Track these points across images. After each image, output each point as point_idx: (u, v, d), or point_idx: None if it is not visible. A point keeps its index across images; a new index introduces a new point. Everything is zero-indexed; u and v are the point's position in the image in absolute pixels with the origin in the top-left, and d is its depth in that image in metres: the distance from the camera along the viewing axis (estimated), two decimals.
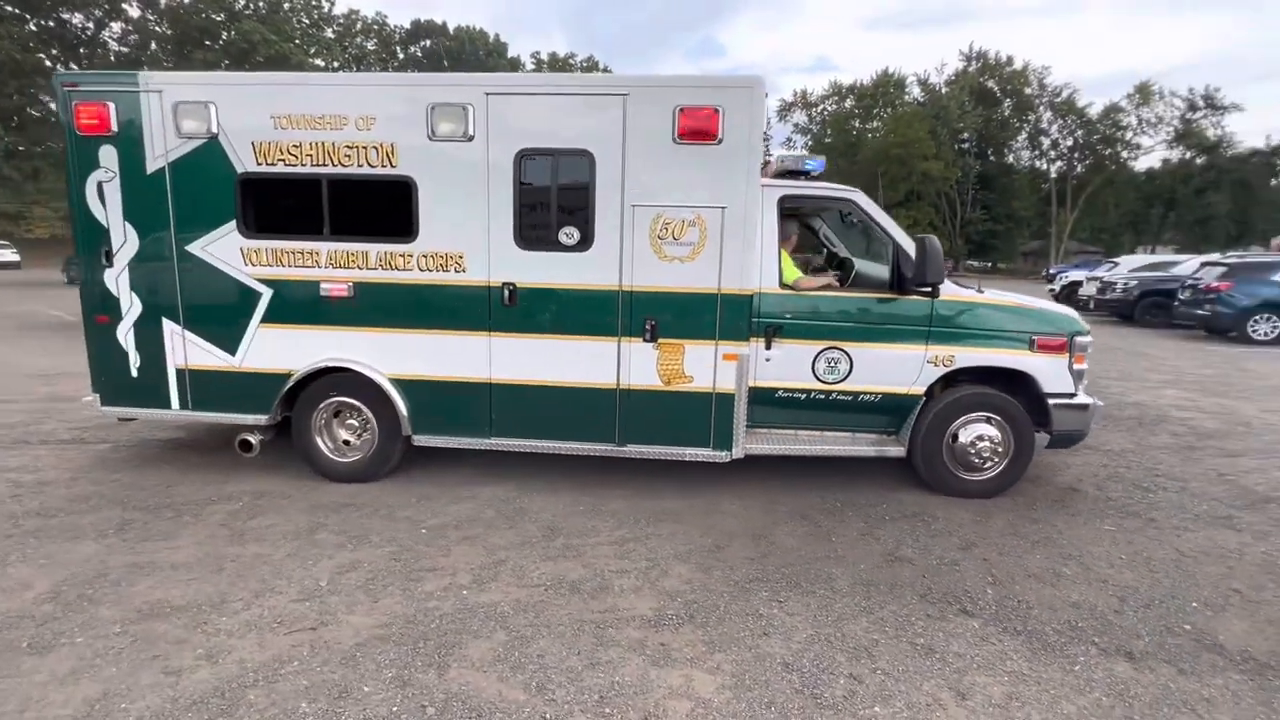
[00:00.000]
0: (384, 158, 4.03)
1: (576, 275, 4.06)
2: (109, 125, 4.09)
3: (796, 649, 2.71)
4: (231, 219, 4.17)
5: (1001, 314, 4.26)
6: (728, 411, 4.11)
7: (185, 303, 4.30)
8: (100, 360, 4.44)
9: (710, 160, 3.86)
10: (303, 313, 4.25)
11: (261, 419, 4.40)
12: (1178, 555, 3.61)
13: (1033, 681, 2.54)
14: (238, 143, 4.09)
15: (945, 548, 3.67)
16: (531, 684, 2.47)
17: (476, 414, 4.29)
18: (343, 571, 3.28)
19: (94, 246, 4.28)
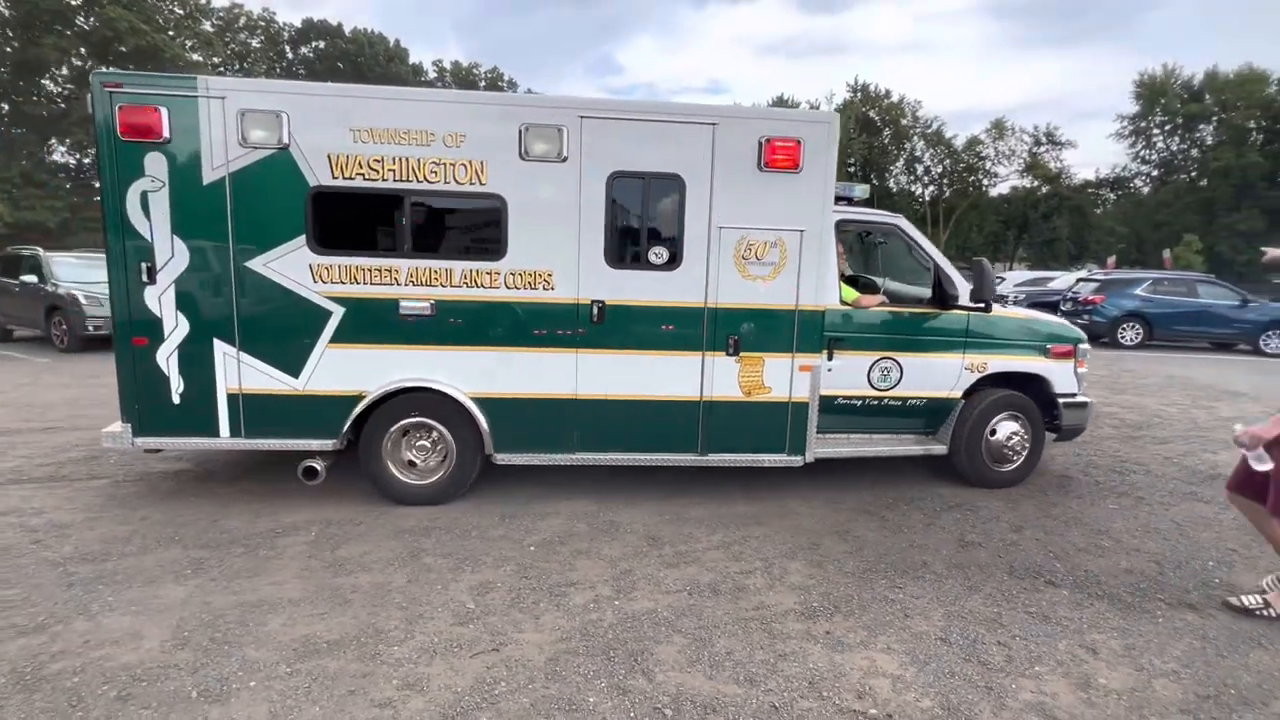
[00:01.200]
0: (473, 175, 3.99)
1: (664, 293, 4.22)
2: (160, 131, 3.77)
3: (941, 626, 3.05)
4: (300, 234, 3.95)
5: (1021, 326, 4.93)
6: (802, 419, 4.42)
7: (242, 322, 4.00)
8: (135, 387, 4.01)
9: (791, 187, 4.17)
10: (378, 332, 4.08)
11: (328, 444, 4.16)
12: (1175, 525, 4.35)
13: (1134, 634, 3.03)
14: (311, 155, 3.89)
15: (1001, 531, 4.19)
16: (739, 678, 2.62)
17: (562, 430, 4.31)
18: (481, 593, 3.24)
19: (133, 261, 3.89)
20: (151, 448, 4.27)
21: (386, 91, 4.21)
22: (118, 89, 3.76)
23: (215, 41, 43.72)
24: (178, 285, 3.94)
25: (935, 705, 2.49)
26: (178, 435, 4.13)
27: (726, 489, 4.78)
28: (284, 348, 4.07)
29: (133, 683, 2.49)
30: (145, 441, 4.11)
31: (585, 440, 4.34)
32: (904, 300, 4.92)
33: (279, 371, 4.08)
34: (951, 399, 4.82)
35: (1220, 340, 14.70)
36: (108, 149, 3.79)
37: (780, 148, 4.11)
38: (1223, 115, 49.87)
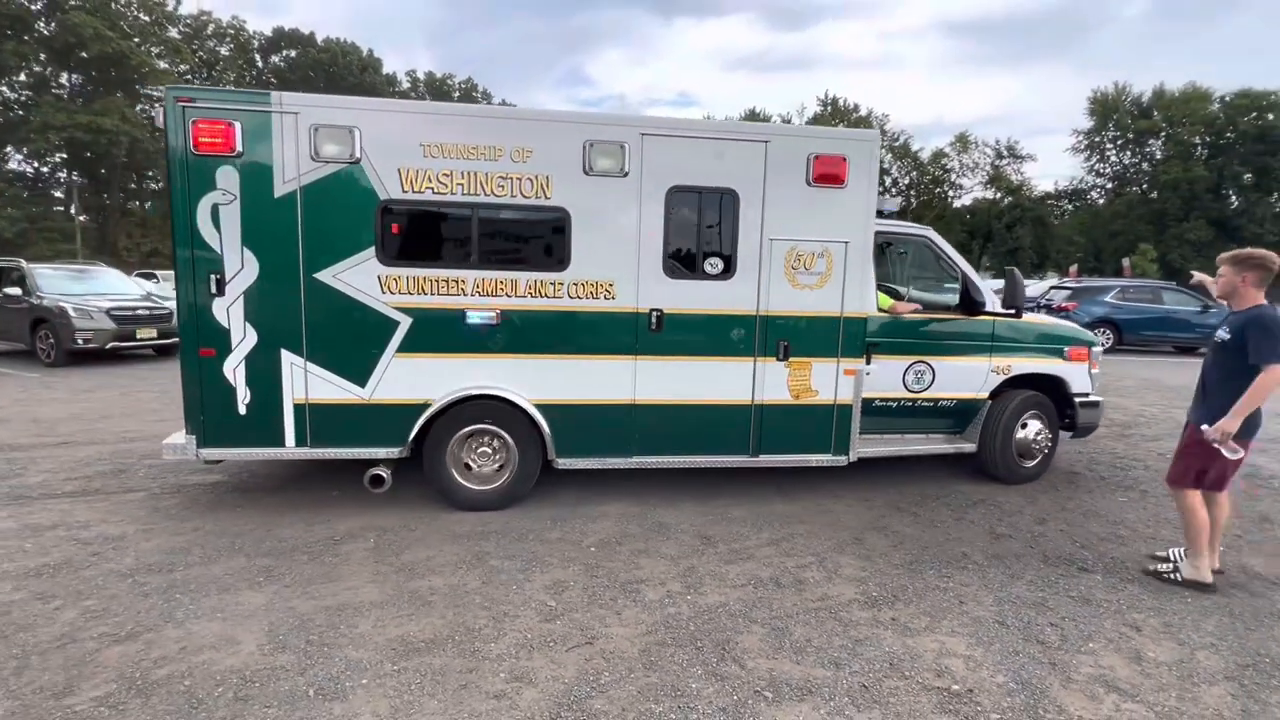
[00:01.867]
0: (538, 189, 4.14)
1: (719, 301, 4.41)
2: (233, 145, 3.83)
3: (995, 611, 3.26)
4: (369, 246, 4.04)
5: (1041, 331, 5.28)
6: (846, 420, 4.65)
7: (310, 333, 4.06)
8: (200, 398, 4.04)
9: (837, 201, 4.44)
10: (444, 341, 4.19)
11: (394, 452, 4.24)
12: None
13: (1169, 613, 3.28)
14: (382, 169, 3.99)
15: (1026, 524, 4.44)
16: (824, 662, 2.79)
17: (620, 434, 4.47)
18: (558, 591, 3.35)
19: (201, 273, 3.93)
20: (215, 459, 4.24)
21: (457, 108, 4.37)
22: (190, 104, 3.82)
23: (183, 49, 42.86)
24: (246, 297, 3.98)
25: (1009, 680, 2.69)
26: (243, 446, 4.16)
27: (761, 489, 4.96)
28: (351, 358, 4.14)
29: (245, 684, 2.54)
30: (210, 453, 4.13)
31: (643, 444, 4.50)
32: (931, 307, 5.22)
33: (346, 381, 4.15)
34: (979, 400, 5.14)
35: (1183, 344, 15.48)
36: (180, 162, 3.83)
37: (828, 164, 4.37)
38: (1170, 131, 52.40)
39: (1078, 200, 58.55)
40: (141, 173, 43.34)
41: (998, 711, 2.49)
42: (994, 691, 2.61)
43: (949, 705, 2.52)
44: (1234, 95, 49.35)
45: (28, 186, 39.74)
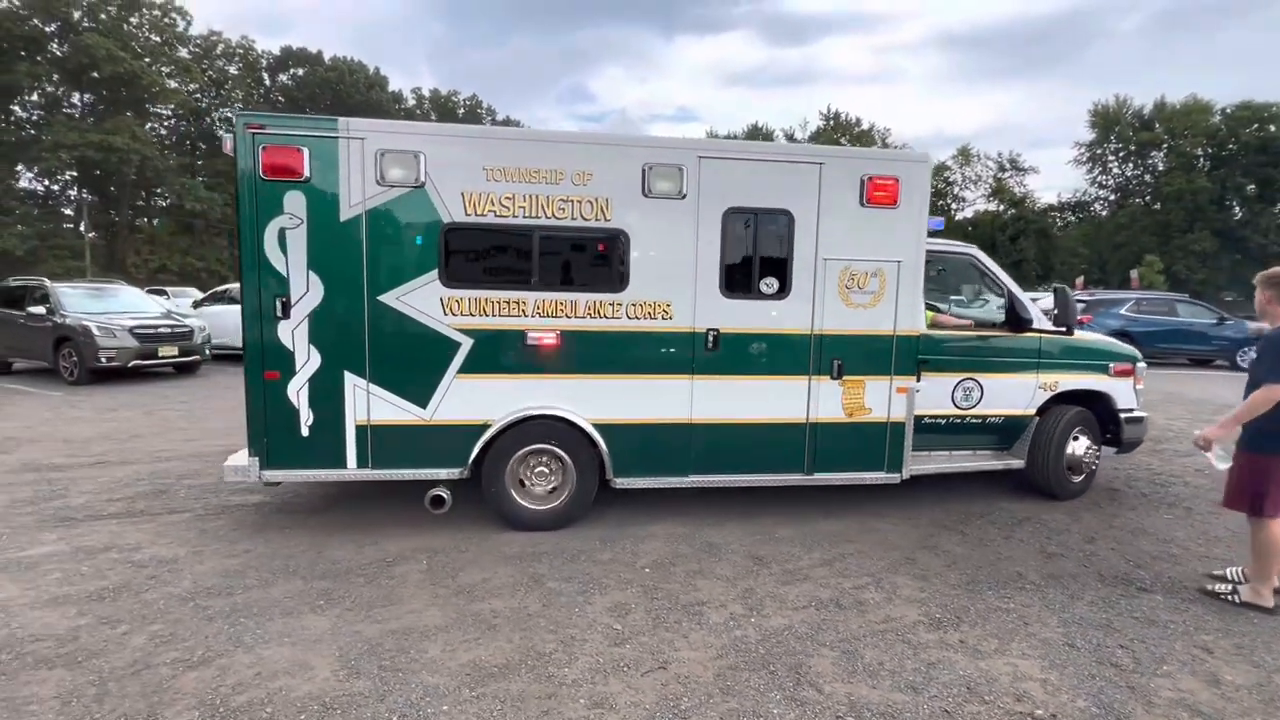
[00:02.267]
0: (598, 212, 4.20)
1: (774, 320, 4.47)
2: (301, 171, 3.90)
3: (1061, 632, 3.24)
4: (433, 268, 4.09)
5: (1086, 347, 5.32)
6: (900, 438, 4.66)
7: (373, 355, 4.09)
8: (264, 420, 4.06)
9: (889, 221, 4.49)
10: (505, 362, 4.23)
11: (454, 473, 4.26)
12: (1231, 533, 4.64)
13: (1237, 634, 3.26)
14: (446, 193, 4.06)
15: (1076, 542, 4.43)
16: (901, 686, 2.77)
17: (678, 453, 4.48)
18: (621, 614, 3.34)
19: (267, 296, 3.98)
20: (276, 480, 4.25)
21: (519, 133, 4.49)
22: (260, 130, 3.88)
23: (193, 68, 43.45)
24: (311, 320, 4.02)
25: (1091, 705, 2.67)
26: (305, 468, 4.17)
27: (804, 508, 4.95)
28: (413, 379, 4.18)
29: (327, 712, 2.53)
30: (273, 474, 4.14)
31: (700, 463, 4.52)
32: (978, 325, 5.26)
33: (407, 403, 4.18)
34: (1027, 416, 5.18)
35: (1199, 357, 15.48)
36: (248, 187, 3.88)
37: (881, 185, 4.45)
38: (1172, 143, 52.66)
39: (1081, 212, 58.75)
40: (150, 190, 43.75)
41: None
42: (1077, 717, 2.59)
43: None
44: (1235, 107, 49.67)
45: (38, 204, 40.11)
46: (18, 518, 4.57)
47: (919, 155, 4.71)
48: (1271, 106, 48.65)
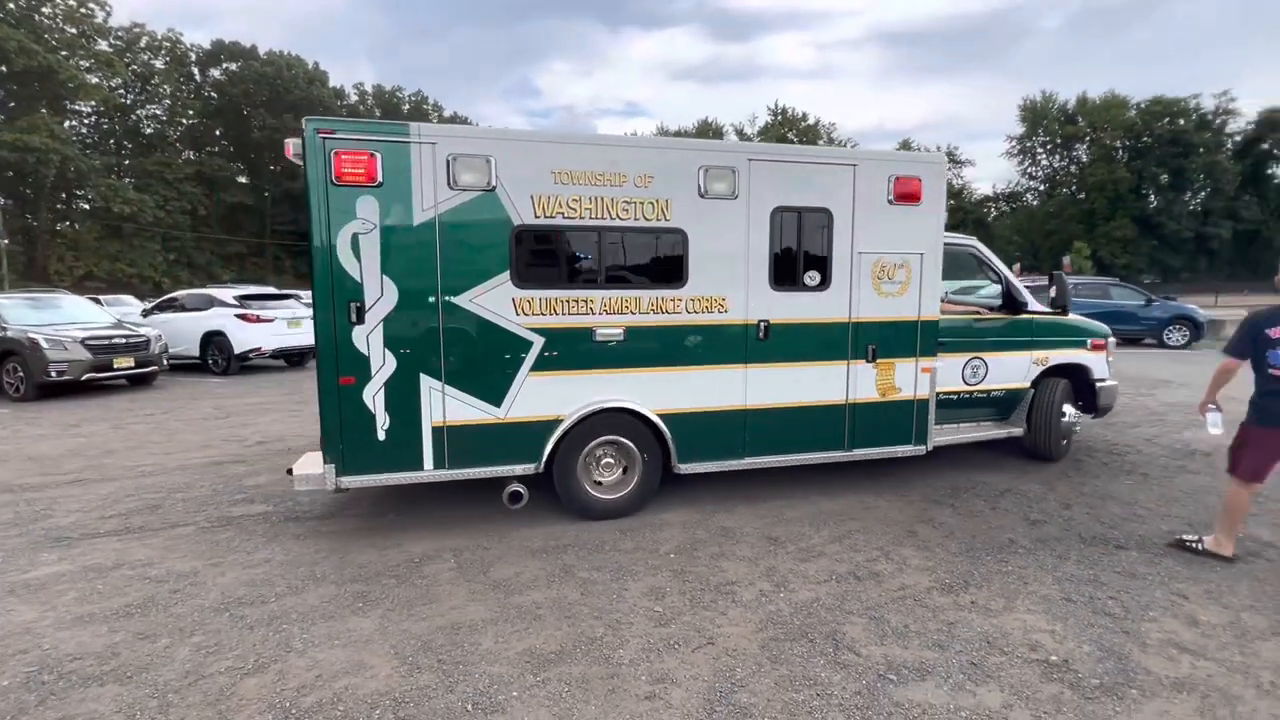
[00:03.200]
0: (659, 212, 4.42)
1: (816, 311, 4.84)
2: (374, 176, 3.89)
3: (1057, 589, 3.57)
4: (504, 270, 4.19)
5: (1070, 326, 6.01)
6: (925, 414, 5.15)
7: (447, 357, 4.16)
8: (340, 427, 4.05)
9: (913, 217, 4.93)
10: (575, 359, 4.38)
11: (530, 468, 4.39)
12: (1186, 494, 5.14)
13: (1206, 581, 3.66)
14: (516, 195, 4.16)
15: (1055, 509, 4.82)
16: (930, 645, 3.02)
17: (733, 438, 4.79)
18: (658, 597, 3.49)
19: (341, 302, 3.96)
20: (352, 486, 4.19)
21: (586, 137, 4.72)
22: (331, 135, 3.85)
23: (115, 62, 40.94)
24: (386, 324, 4.03)
25: (1095, 649, 2.98)
26: (382, 472, 4.18)
27: (805, 490, 5.21)
28: (487, 379, 4.27)
29: (400, 705, 2.60)
30: (350, 481, 4.12)
31: (752, 446, 4.84)
32: (976, 309, 5.90)
33: (482, 402, 4.27)
34: (1023, 389, 5.85)
35: (1130, 336, 16.64)
36: (320, 193, 3.84)
37: (906, 184, 4.89)
38: (1094, 136, 55.89)
39: (1014, 202, 61.77)
40: (72, 192, 41.09)
41: (1096, 676, 2.77)
42: (1086, 659, 2.90)
43: (1053, 675, 2.79)
44: (1148, 102, 53.10)
45: None
46: (7, 540, 4.38)
47: (937, 157, 5.25)
48: (1180, 102, 52.25)
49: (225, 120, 47.09)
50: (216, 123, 47.41)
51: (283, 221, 47.31)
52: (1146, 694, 2.67)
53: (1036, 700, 2.62)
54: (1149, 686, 2.71)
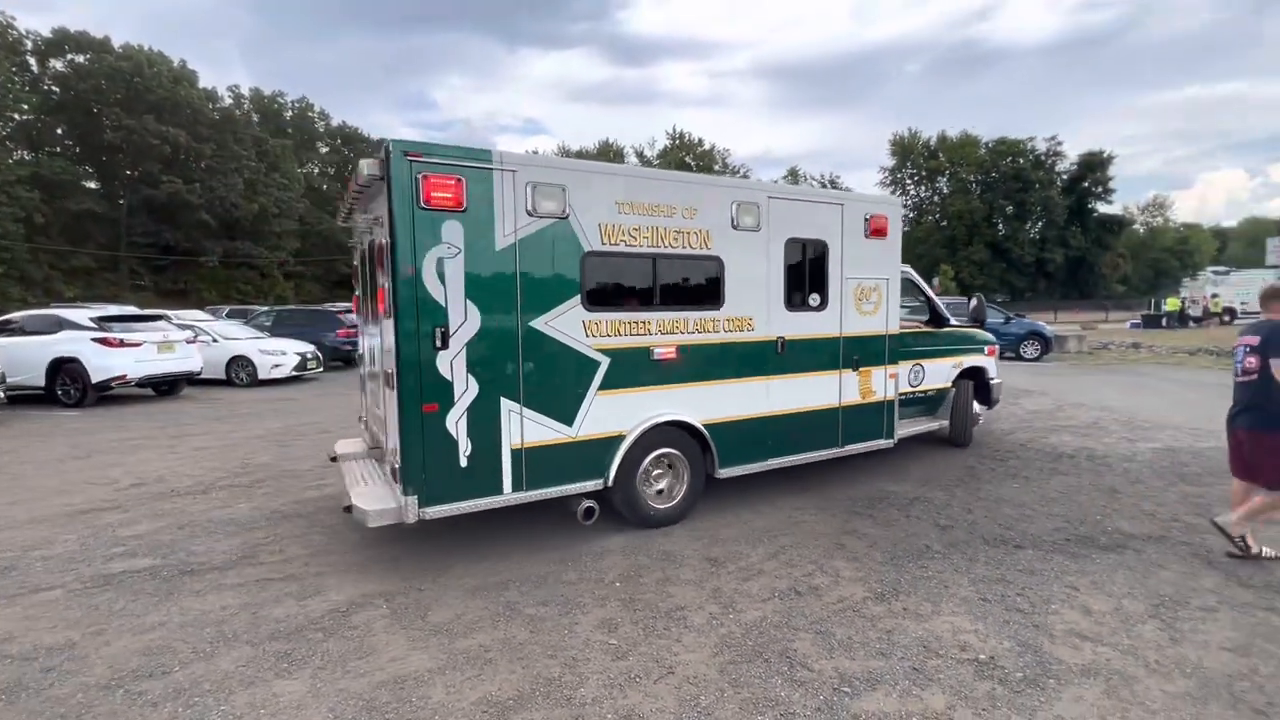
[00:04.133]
0: (701, 241, 4.91)
1: (817, 328, 5.63)
2: (461, 201, 3.92)
3: (973, 590, 3.89)
4: (575, 294, 4.40)
5: (975, 336, 7.57)
6: (892, 412, 6.20)
7: (526, 379, 4.26)
8: (422, 455, 3.95)
9: (881, 249, 5.97)
10: (635, 376, 4.69)
11: (599, 484, 4.58)
12: (1061, 494, 5.79)
13: (1090, 573, 4.14)
14: (586, 223, 4.40)
15: (959, 514, 5.26)
16: (874, 655, 3.19)
17: (760, 442, 5.36)
18: (611, 629, 3.44)
19: (425, 327, 3.90)
20: (434, 517, 4.03)
21: (644, 172, 5.36)
22: (419, 158, 3.80)
23: None
24: (469, 349, 4.05)
25: (1013, 644, 3.27)
26: (464, 499, 4.12)
27: (734, 508, 5.36)
28: (561, 400, 4.42)
29: None
30: (432, 511, 4.00)
31: (773, 448, 5.44)
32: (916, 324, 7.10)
33: (556, 422, 4.41)
34: (948, 389, 7.22)
35: None
36: (406, 216, 3.78)
37: (878, 221, 5.87)
38: (952, 170, 62.24)
39: None
40: None
41: (1020, 670, 3.04)
42: (1009, 655, 3.17)
43: (984, 673, 3.03)
44: (995, 142, 60.00)
45: None
46: None
47: (896, 200, 6.57)
48: (1020, 143, 59.47)
49: (70, 118, 41.73)
50: (58, 120, 41.95)
51: (142, 233, 42.40)
52: (1062, 682, 2.96)
53: (974, 699, 2.83)
54: (1063, 675, 3.02)
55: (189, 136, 42.68)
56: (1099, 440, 7.84)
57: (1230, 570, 4.14)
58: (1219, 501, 5.48)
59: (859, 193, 6.46)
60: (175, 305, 30.22)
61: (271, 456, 7.55)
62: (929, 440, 7.83)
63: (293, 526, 5.12)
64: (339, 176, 61.78)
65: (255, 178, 46.40)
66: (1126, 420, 9.05)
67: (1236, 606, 3.66)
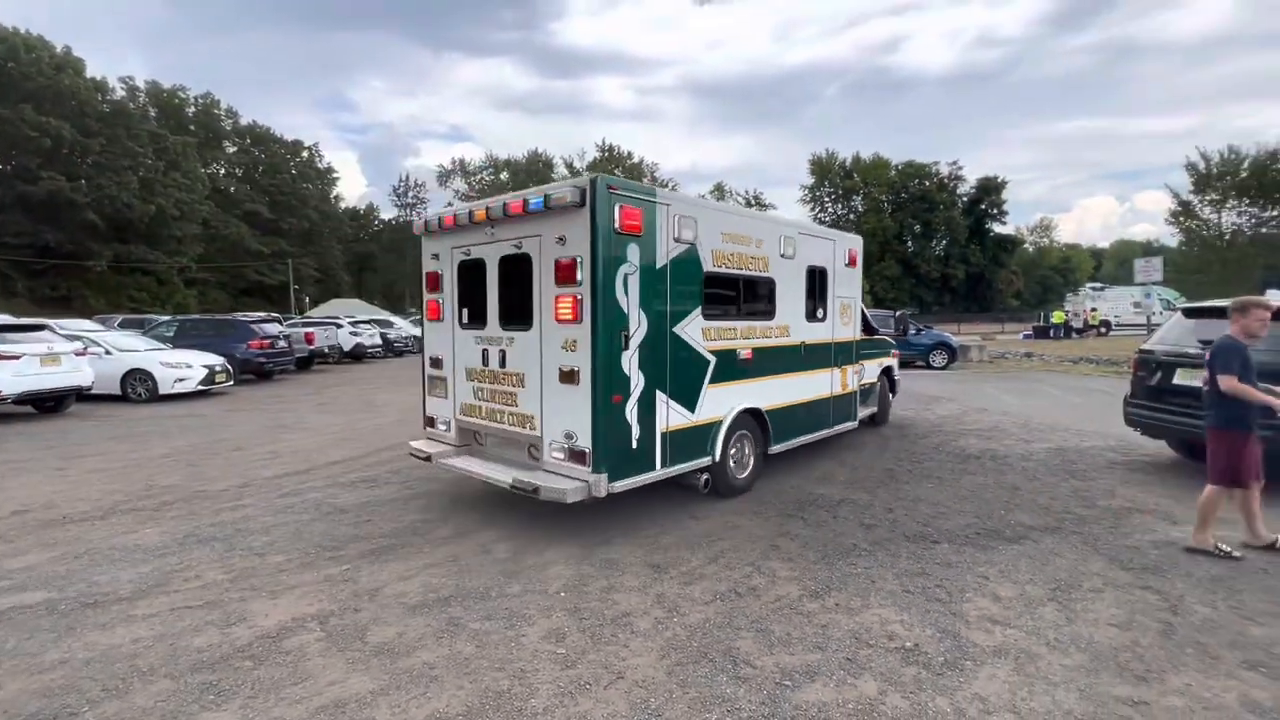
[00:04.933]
0: (763, 265, 6.29)
1: (821, 335, 7.32)
2: (640, 227, 4.87)
3: (898, 584, 4.17)
4: (698, 306, 5.51)
5: (887, 342, 9.81)
6: (856, 400, 8.20)
7: (670, 375, 5.25)
8: (610, 438, 4.76)
9: (854, 274, 8.07)
10: (729, 372, 5.88)
11: (709, 461, 5.67)
12: (971, 492, 6.27)
13: (998, 563, 4.52)
14: (705, 249, 5.55)
15: (881, 513, 5.61)
16: (811, 648, 3.36)
17: (793, 425, 6.78)
18: (558, 639, 3.45)
19: (615, 331, 4.77)
20: (619, 490, 4.84)
21: (737, 209, 7.53)
22: (615, 191, 4.69)
23: None
24: (639, 350, 4.96)
25: (934, 631, 3.54)
26: (634, 476, 5.00)
27: (674, 515, 5.48)
28: (688, 391, 5.47)
29: None
30: (617, 485, 4.82)
31: (797, 430, 6.89)
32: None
33: (685, 410, 5.43)
34: (876, 383, 9.32)
35: (905, 360, 19.82)
36: (605, 239, 4.63)
37: (852, 254, 7.97)
38: (866, 190, 65.84)
39: None
40: None
41: (941, 655, 3.30)
42: (930, 641, 3.43)
43: (912, 658, 3.26)
44: (904, 164, 63.99)
45: None
46: None
47: (859, 238, 8.40)
48: (926, 166, 63.67)
49: None
50: None
51: (15, 233, 38.32)
52: (977, 663, 3.23)
53: (902, 684, 3.05)
54: (978, 656, 3.29)
55: (74, 129, 39.11)
56: (1000, 442, 8.54)
57: (1112, 555, 4.63)
58: (1103, 494, 6.12)
59: (843, 233, 8.05)
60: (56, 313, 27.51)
61: (180, 477, 7.04)
62: (853, 445, 8.28)
63: (209, 551, 4.81)
64: (248, 178, 58.27)
65: (152, 176, 43.05)
66: (1023, 423, 9.89)
67: (1119, 587, 4.10)
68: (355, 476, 7.01)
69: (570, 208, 4.58)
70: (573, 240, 4.65)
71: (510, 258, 5.26)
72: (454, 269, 5.86)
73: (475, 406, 5.73)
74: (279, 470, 7.33)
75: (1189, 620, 3.66)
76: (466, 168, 65.72)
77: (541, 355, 5.01)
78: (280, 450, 8.44)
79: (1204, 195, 38.19)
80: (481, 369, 5.62)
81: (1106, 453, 7.87)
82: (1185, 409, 6.33)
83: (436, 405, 6.22)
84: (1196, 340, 6.42)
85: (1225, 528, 4.82)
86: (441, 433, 6.18)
